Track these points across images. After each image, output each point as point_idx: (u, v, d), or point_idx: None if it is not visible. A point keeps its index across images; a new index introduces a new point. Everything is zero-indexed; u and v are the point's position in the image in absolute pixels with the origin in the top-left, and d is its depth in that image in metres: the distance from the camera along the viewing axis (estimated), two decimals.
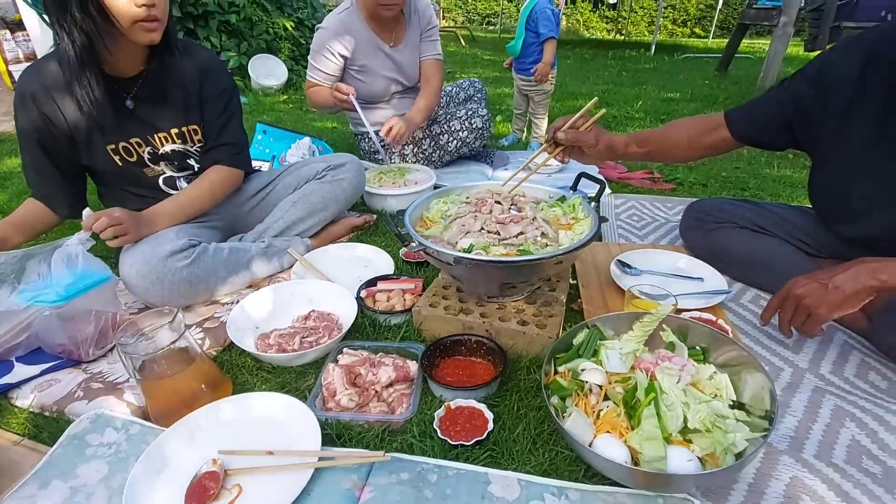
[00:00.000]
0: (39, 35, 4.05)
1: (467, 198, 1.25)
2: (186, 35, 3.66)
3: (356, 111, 1.83)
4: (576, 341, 0.96)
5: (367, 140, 2.16)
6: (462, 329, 1.11)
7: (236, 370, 1.06)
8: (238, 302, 1.25)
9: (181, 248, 1.17)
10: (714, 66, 5.52)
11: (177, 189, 1.35)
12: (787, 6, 3.50)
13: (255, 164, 2.00)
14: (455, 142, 2.14)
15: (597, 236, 1.02)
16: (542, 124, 2.56)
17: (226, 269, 1.26)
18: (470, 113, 2.11)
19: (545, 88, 2.46)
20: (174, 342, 0.87)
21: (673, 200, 1.92)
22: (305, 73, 2.02)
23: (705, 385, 0.84)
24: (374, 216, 1.76)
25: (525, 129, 2.76)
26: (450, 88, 2.42)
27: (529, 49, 2.36)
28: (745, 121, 1.21)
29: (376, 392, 0.96)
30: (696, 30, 13.14)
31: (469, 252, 1.01)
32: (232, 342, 1.08)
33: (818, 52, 3.89)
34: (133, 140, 1.24)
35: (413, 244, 1.01)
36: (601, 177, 1.18)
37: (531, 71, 2.39)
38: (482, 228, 1.08)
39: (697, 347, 0.92)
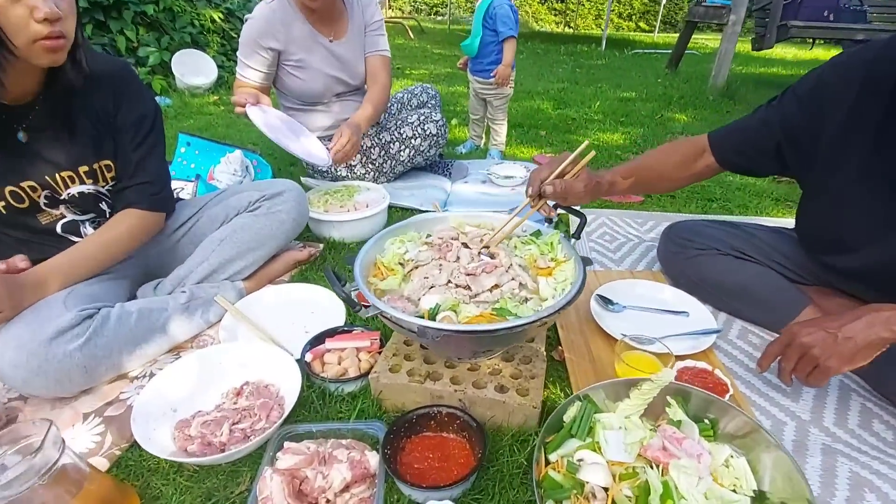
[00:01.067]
0: None
1: (428, 236, 1.07)
2: (96, 29, 3.23)
3: (258, 125, 1.53)
4: (567, 417, 0.81)
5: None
6: (430, 399, 0.93)
7: (147, 475, 0.84)
8: (151, 376, 1.02)
9: (71, 324, 0.91)
10: (663, 62, 5.59)
11: (81, 235, 1.09)
12: (736, 5, 3.53)
13: (174, 184, 1.72)
14: (407, 150, 1.94)
15: (582, 288, 0.87)
16: (502, 130, 2.41)
17: (134, 340, 1.01)
18: (423, 118, 1.92)
19: (504, 92, 2.30)
20: (47, 471, 0.64)
21: (643, 215, 1.82)
22: (237, 71, 1.75)
23: (722, 474, 0.71)
24: (321, 245, 1.54)
25: (483, 136, 2.60)
26: (401, 95, 2.22)
27: (487, 49, 2.19)
28: (730, 147, 1.10)
29: (328, 501, 0.77)
30: (641, 24, 13.49)
31: (435, 313, 0.84)
32: None
33: (765, 51, 3.98)
34: (26, 184, 0.97)
35: (366, 308, 0.83)
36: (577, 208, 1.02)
37: (490, 73, 2.22)
38: (449, 282, 0.90)
39: (706, 421, 0.79)
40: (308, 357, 1.03)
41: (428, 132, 1.93)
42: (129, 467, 0.85)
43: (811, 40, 7.27)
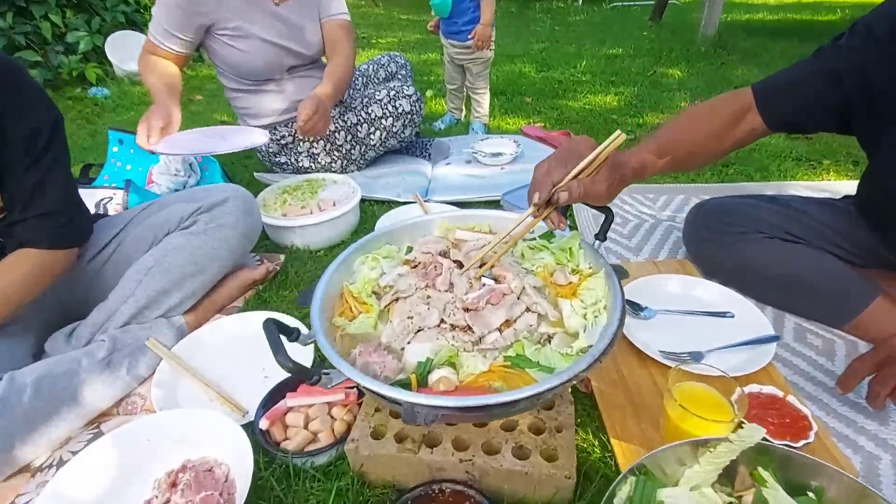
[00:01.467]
0: None
1: (410, 251, 0.82)
2: (18, 16, 2.80)
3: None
4: (618, 501, 0.59)
5: (272, 131, 1.62)
6: (428, 472, 0.71)
7: None
8: (60, 464, 0.77)
9: None
10: (644, 14, 5.26)
11: None
12: None
13: (103, 193, 1.43)
14: (378, 132, 1.67)
15: (624, 319, 0.64)
16: (484, 101, 2.13)
17: (30, 423, 0.76)
18: (393, 94, 1.63)
19: (484, 55, 2.01)
20: None
21: (653, 189, 1.59)
22: (153, 35, 1.43)
23: None
24: (281, 258, 1.28)
25: (464, 108, 2.31)
26: (366, 66, 1.92)
27: (461, 6, 1.88)
28: (784, 105, 0.86)
29: None
30: None
31: (426, 371, 0.60)
32: None
33: None
34: None
35: (327, 374, 0.59)
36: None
37: (467, 35, 1.92)
38: (442, 321, 0.66)
39: (810, 494, 0.58)
40: (263, 423, 0.78)
41: (401, 110, 1.65)
42: None
43: None
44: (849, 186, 1.54)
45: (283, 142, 1.61)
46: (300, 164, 1.64)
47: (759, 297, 1.06)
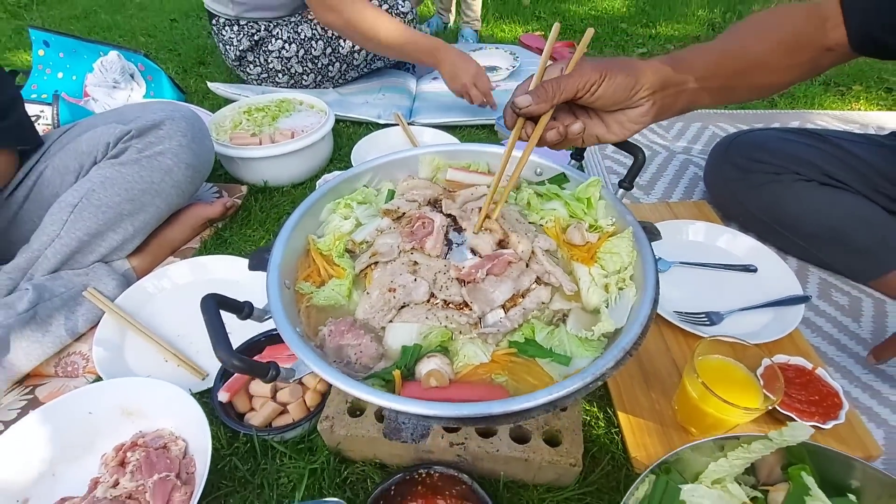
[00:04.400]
0: None
1: (391, 196, 0.67)
2: None
3: None
4: (635, 500, 0.52)
5: (233, 29, 1.36)
6: (413, 457, 0.62)
7: None
8: None
9: None
10: None
11: None
12: None
13: (29, 109, 1.18)
14: (364, 52, 1.42)
15: (658, 298, 0.52)
16: (476, 3, 1.83)
17: None
18: (385, 9, 1.35)
19: None
20: None
21: None
22: None
23: None
24: (243, 189, 1.11)
25: (453, 10, 2.00)
26: None
27: None
28: (880, 13, 0.67)
29: None
30: None
31: (413, 360, 0.48)
32: None
33: None
34: None
35: (286, 371, 0.46)
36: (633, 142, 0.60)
37: None
38: (432, 295, 0.53)
39: (850, 496, 0.51)
40: (223, 396, 0.68)
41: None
42: None
43: None
44: (885, 118, 1.38)
45: (256, 37, 1.36)
46: (270, 66, 1.40)
47: (783, 247, 0.95)
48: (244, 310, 0.51)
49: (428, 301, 0.52)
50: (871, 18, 0.67)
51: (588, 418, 0.70)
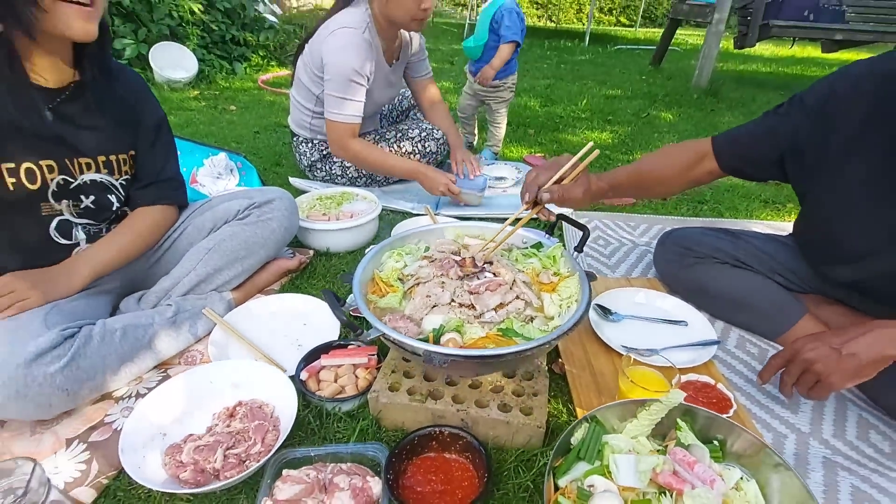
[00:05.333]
0: None
1: (427, 250, 1.04)
2: None
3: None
4: (574, 440, 0.80)
5: (308, 145, 1.87)
6: (431, 419, 0.91)
7: None
8: (138, 396, 0.97)
9: (51, 344, 0.85)
10: (646, 58, 5.62)
11: (72, 239, 1.04)
12: (720, 4, 3.55)
13: None
14: None
15: (589, 306, 0.85)
16: (499, 132, 2.37)
17: (119, 359, 0.96)
18: (424, 134, 1.87)
19: (504, 96, 2.26)
20: None
21: (635, 218, 1.82)
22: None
23: (733, 498, 0.71)
24: (311, 253, 1.50)
25: (475, 133, 2.56)
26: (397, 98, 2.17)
27: (491, 52, 2.13)
28: (734, 154, 1.09)
29: None
30: (622, 18, 13.54)
31: (440, 335, 0.81)
32: None
33: (748, 48, 4.03)
34: (44, 162, 0.94)
35: (367, 332, 0.79)
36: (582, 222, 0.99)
37: (496, 83, 2.19)
38: (452, 300, 0.87)
39: (715, 442, 0.79)
40: (303, 375, 0.99)
41: (428, 150, 1.89)
42: (117, 498, 0.81)
43: (791, 39, 7.40)
44: (788, 225, 1.76)
45: (324, 152, 1.86)
46: (333, 172, 1.87)
47: (711, 312, 1.27)
48: (342, 301, 0.85)
49: (449, 303, 0.86)
50: (731, 156, 1.09)
51: (555, 412, 0.98)
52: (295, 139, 1.92)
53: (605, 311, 1.21)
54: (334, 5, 1.69)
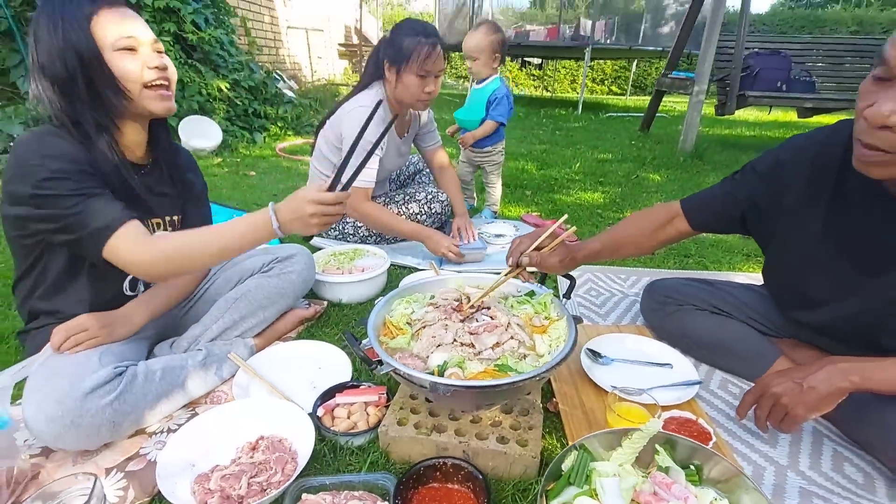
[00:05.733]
0: None
1: (432, 298, 1.17)
2: None
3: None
4: (564, 466, 0.88)
5: None
6: (435, 451, 0.99)
7: None
8: (169, 431, 1.07)
9: (105, 379, 0.97)
10: (635, 124, 6.00)
11: (136, 291, 1.20)
12: (699, 78, 3.90)
13: None
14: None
15: (574, 345, 0.97)
16: (495, 192, 2.58)
17: (157, 396, 1.07)
18: (430, 197, 2.07)
19: (496, 160, 2.49)
20: None
21: (625, 271, 1.96)
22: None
23: None
24: (325, 303, 1.63)
25: (475, 195, 2.76)
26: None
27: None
28: (701, 214, 1.24)
29: None
30: (613, 87, 14.42)
31: (444, 369, 0.92)
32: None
33: (728, 115, 4.35)
34: None
35: (380, 366, 0.91)
36: (572, 273, 1.13)
37: (485, 146, 2.44)
38: (454, 340, 0.99)
39: (692, 467, 0.87)
40: (320, 411, 1.09)
41: (433, 210, 2.07)
42: None
43: (769, 106, 7.91)
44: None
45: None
46: (346, 231, 2.05)
47: (695, 356, 1.37)
48: (359, 341, 0.97)
49: (452, 342, 0.98)
50: (699, 216, 1.24)
51: (549, 446, 1.07)
52: None
53: (595, 355, 1.32)
54: (353, 88, 1.93)
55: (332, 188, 1.00)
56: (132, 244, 0.96)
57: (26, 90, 3.22)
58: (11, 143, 3.25)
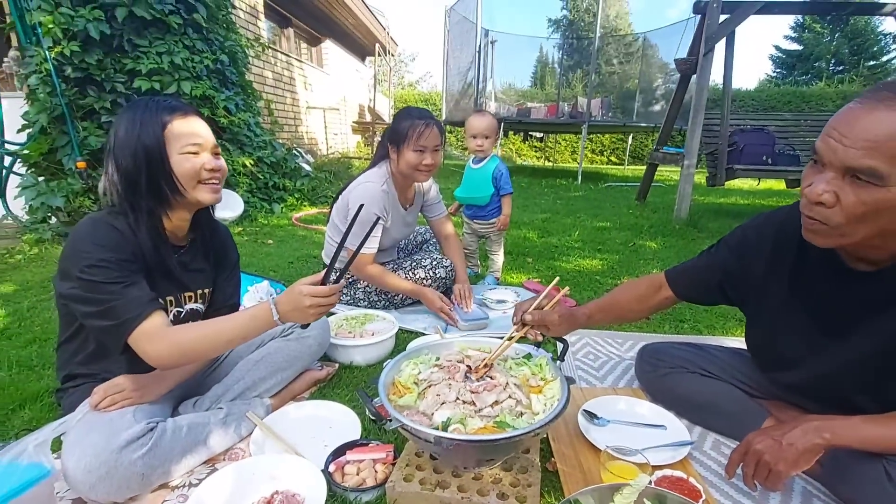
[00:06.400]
0: None
1: (437, 359, 1.27)
2: None
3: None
4: None
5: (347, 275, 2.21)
6: None
7: None
8: (191, 486, 1.14)
9: (139, 433, 1.07)
10: (633, 193, 6.28)
11: None
12: (688, 153, 4.18)
13: None
14: None
15: (567, 404, 1.06)
16: (498, 259, 2.73)
17: (182, 451, 1.15)
18: (435, 263, 2.23)
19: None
20: None
21: (622, 335, 2.05)
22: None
23: None
24: (336, 365, 1.72)
25: (478, 263, 2.91)
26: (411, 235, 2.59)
27: (495, 201, 2.61)
28: (683, 284, 1.37)
29: None
30: (612, 158, 15.10)
31: (447, 426, 1.02)
32: None
33: (719, 186, 4.60)
34: (169, 297, 1.25)
35: (390, 422, 1.00)
36: (565, 337, 1.24)
37: (491, 218, 2.64)
38: (457, 398, 1.09)
39: None
40: (331, 468, 1.16)
41: (438, 276, 2.23)
42: None
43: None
44: None
45: (350, 279, 2.20)
46: (356, 297, 2.18)
47: (688, 418, 1.43)
48: (372, 398, 1.07)
49: (455, 400, 1.08)
50: (682, 286, 1.37)
51: None
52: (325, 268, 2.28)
53: (591, 416, 1.39)
54: (366, 167, 2.16)
55: (325, 280, 1.14)
56: (152, 338, 1.08)
57: (70, 167, 3.55)
58: (51, 213, 3.52)
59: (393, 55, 14.18)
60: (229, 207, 3.87)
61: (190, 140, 1.15)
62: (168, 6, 3.76)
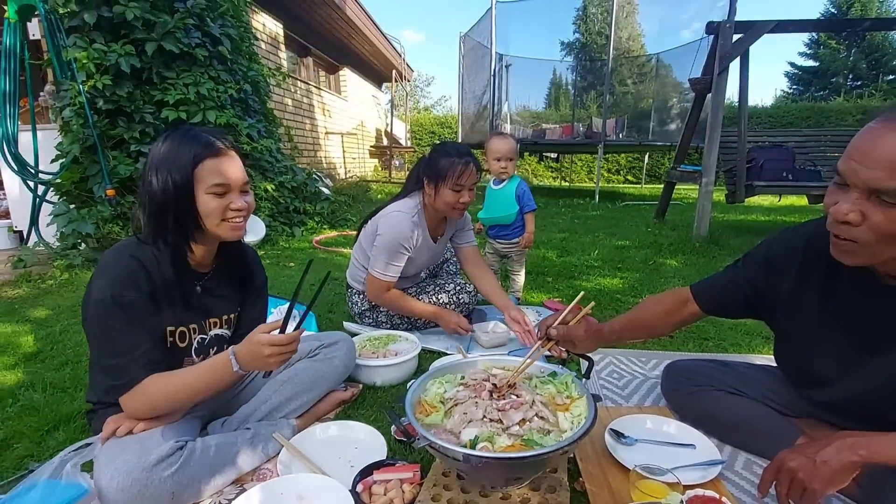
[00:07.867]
0: (17, 196, 4.16)
1: (463, 378, 1.28)
2: None
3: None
4: None
5: (360, 297, 2.23)
6: None
7: None
8: None
9: (168, 452, 1.10)
10: (651, 212, 6.24)
11: None
12: (706, 171, 4.16)
13: None
14: None
15: (595, 421, 1.05)
16: (520, 279, 2.75)
17: (211, 470, 1.17)
18: (458, 288, 2.25)
19: (522, 248, 2.70)
20: None
21: (646, 354, 2.02)
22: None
23: None
24: (360, 386, 1.74)
25: (501, 281, 2.92)
26: None
27: (518, 219, 2.65)
28: (709, 299, 1.35)
29: None
30: (629, 177, 15.04)
31: (475, 443, 1.02)
32: None
33: (738, 203, 4.55)
34: (191, 325, 1.28)
35: (417, 441, 1.01)
36: (589, 355, 1.24)
37: (514, 238, 2.67)
38: (484, 416, 1.09)
39: None
40: (359, 487, 1.17)
41: (461, 301, 2.24)
42: None
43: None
44: None
45: (374, 303, 2.22)
46: (379, 319, 2.21)
47: (718, 437, 1.40)
48: (400, 416, 1.08)
49: (482, 419, 1.08)
50: (707, 300, 1.35)
51: None
52: (349, 290, 2.31)
53: (618, 435, 1.37)
54: (396, 195, 2.19)
55: (283, 328, 1.16)
56: (131, 394, 1.13)
57: (100, 195, 3.70)
58: (81, 240, 3.66)
59: (408, 80, 14.54)
60: (252, 232, 3.97)
61: (218, 179, 1.15)
62: (195, 40, 3.95)
